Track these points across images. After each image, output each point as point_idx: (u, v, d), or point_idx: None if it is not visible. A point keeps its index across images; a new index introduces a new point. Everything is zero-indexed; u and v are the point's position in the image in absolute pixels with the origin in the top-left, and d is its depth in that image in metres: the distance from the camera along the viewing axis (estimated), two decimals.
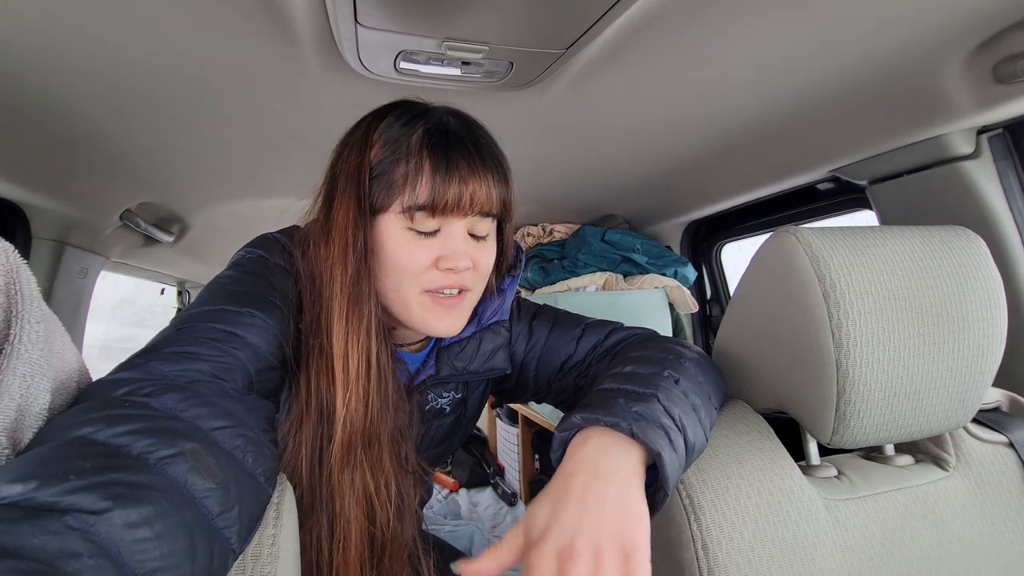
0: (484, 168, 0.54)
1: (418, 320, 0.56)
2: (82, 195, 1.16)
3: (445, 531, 1.77)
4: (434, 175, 0.52)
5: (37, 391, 0.32)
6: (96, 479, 0.30)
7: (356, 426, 0.52)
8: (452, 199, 0.52)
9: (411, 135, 0.54)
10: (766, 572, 0.49)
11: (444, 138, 0.54)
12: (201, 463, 0.36)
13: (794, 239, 0.54)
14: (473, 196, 0.53)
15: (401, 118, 0.56)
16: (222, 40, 0.68)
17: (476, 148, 0.55)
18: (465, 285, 0.56)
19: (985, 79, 0.67)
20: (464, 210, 0.54)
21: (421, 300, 0.56)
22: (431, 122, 0.55)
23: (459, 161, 0.53)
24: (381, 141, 0.55)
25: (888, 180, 0.90)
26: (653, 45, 0.68)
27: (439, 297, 0.56)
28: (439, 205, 0.52)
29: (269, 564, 0.36)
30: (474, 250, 0.56)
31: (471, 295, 0.58)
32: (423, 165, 0.53)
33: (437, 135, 0.54)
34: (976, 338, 0.54)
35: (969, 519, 0.58)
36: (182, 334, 0.47)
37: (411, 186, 0.53)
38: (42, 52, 0.68)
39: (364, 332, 0.53)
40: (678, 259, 1.58)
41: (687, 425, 0.48)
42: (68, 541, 0.27)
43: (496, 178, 0.55)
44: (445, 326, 0.57)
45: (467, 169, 0.53)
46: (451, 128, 0.55)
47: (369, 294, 0.54)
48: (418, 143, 0.53)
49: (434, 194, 0.52)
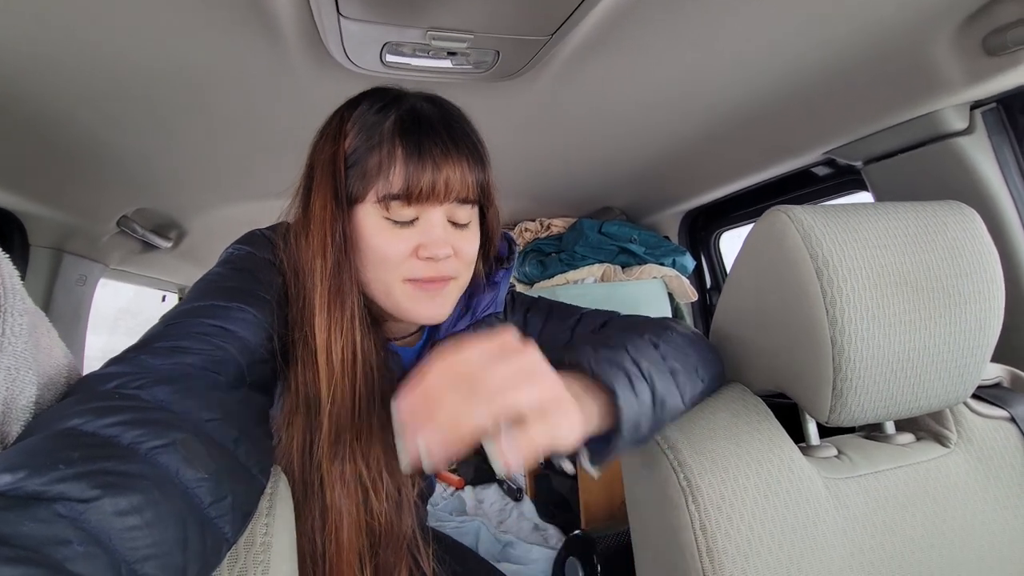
0: (458, 153, 0.53)
1: (402, 308, 0.56)
2: (78, 202, 1.16)
3: (450, 527, 1.78)
4: (407, 163, 0.51)
5: (23, 384, 0.32)
6: (85, 468, 0.30)
7: (343, 418, 0.52)
8: (426, 186, 0.51)
9: (383, 122, 0.53)
10: (766, 552, 0.49)
11: (416, 124, 0.53)
12: (192, 453, 0.36)
13: (786, 217, 0.53)
14: (448, 182, 0.52)
15: (374, 106, 0.55)
16: (209, 40, 0.68)
17: (450, 133, 0.53)
18: (448, 274, 0.55)
19: (975, 52, 0.67)
20: (440, 197, 0.52)
21: (404, 288, 0.55)
22: (403, 108, 0.54)
23: (432, 147, 0.52)
24: (355, 130, 0.54)
25: (883, 159, 0.89)
26: (640, 29, 0.67)
27: (421, 283, 0.55)
28: (413, 193, 0.51)
29: (262, 553, 0.36)
30: (455, 238, 0.55)
31: (456, 283, 0.57)
32: (396, 153, 0.52)
33: (409, 121, 0.53)
34: (973, 312, 0.54)
35: (971, 495, 0.58)
36: (172, 329, 0.47)
37: (385, 175, 0.52)
38: (32, 58, 0.68)
39: (347, 323, 0.53)
40: (676, 248, 1.58)
41: (657, 381, 0.49)
42: (57, 528, 0.27)
43: (472, 163, 0.54)
44: (429, 312, 0.56)
45: (440, 155, 0.52)
46: (424, 113, 0.54)
47: (351, 285, 0.54)
48: (390, 130, 0.52)
49: (408, 182, 0.51)
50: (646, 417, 0.48)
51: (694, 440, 0.54)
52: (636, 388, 0.47)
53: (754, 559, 0.48)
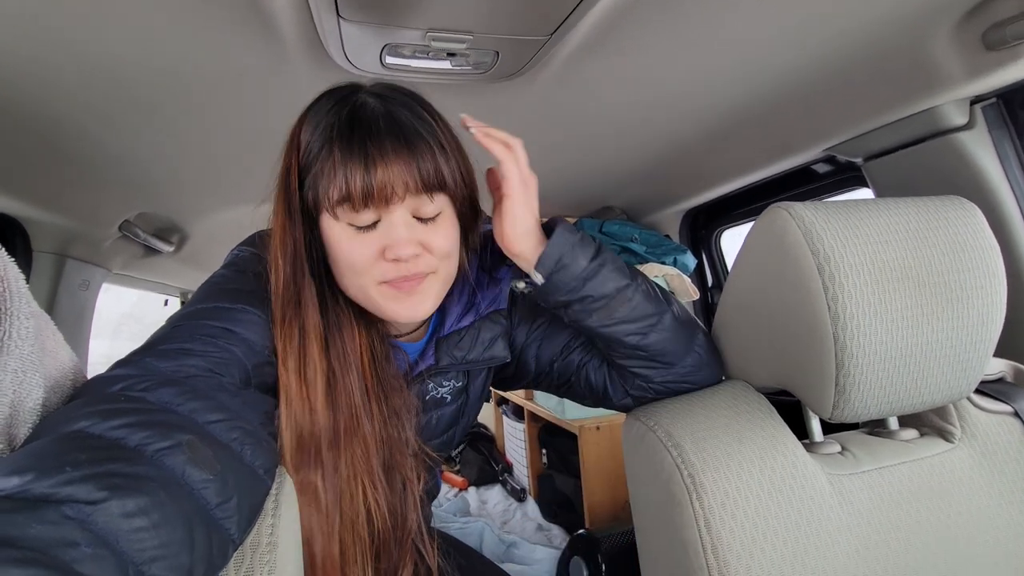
0: (401, 147, 0.49)
1: (381, 310, 0.55)
2: (80, 207, 1.17)
3: (454, 528, 1.78)
4: (345, 166, 0.49)
5: (30, 387, 0.32)
6: (92, 470, 0.30)
7: (303, 428, 0.51)
8: (365, 188, 0.49)
9: (325, 128, 0.51)
10: (770, 548, 0.49)
11: (354, 124, 0.50)
12: (198, 455, 0.36)
13: (786, 214, 0.53)
14: (391, 181, 0.49)
15: (321, 110, 0.53)
16: (208, 43, 0.68)
17: (392, 126, 0.50)
18: (420, 271, 0.54)
19: (975, 47, 0.67)
20: (386, 197, 0.50)
21: (379, 290, 0.54)
22: (345, 109, 0.51)
23: (369, 146, 0.49)
24: (306, 137, 0.53)
25: (883, 156, 0.89)
26: (639, 29, 0.67)
27: (397, 284, 0.54)
28: (355, 197, 0.49)
29: (268, 553, 0.36)
30: (422, 233, 0.53)
31: (434, 277, 0.56)
32: (333, 157, 0.49)
33: (347, 122, 0.50)
34: (976, 307, 0.54)
35: (976, 490, 0.57)
36: (177, 332, 0.47)
37: (328, 180, 0.50)
38: (31, 61, 0.69)
39: (301, 335, 0.52)
40: (677, 247, 1.58)
41: (603, 276, 0.58)
42: (65, 530, 0.28)
43: (423, 154, 0.50)
44: (407, 312, 0.55)
45: (378, 153, 0.49)
46: (365, 112, 0.51)
47: (307, 297, 0.53)
48: (328, 135, 0.50)
49: (348, 187, 0.49)
50: (573, 252, 0.57)
51: (698, 438, 0.54)
52: (581, 244, 0.58)
53: (759, 556, 0.48)
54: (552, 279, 0.58)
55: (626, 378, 0.65)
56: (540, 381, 0.73)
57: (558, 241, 0.57)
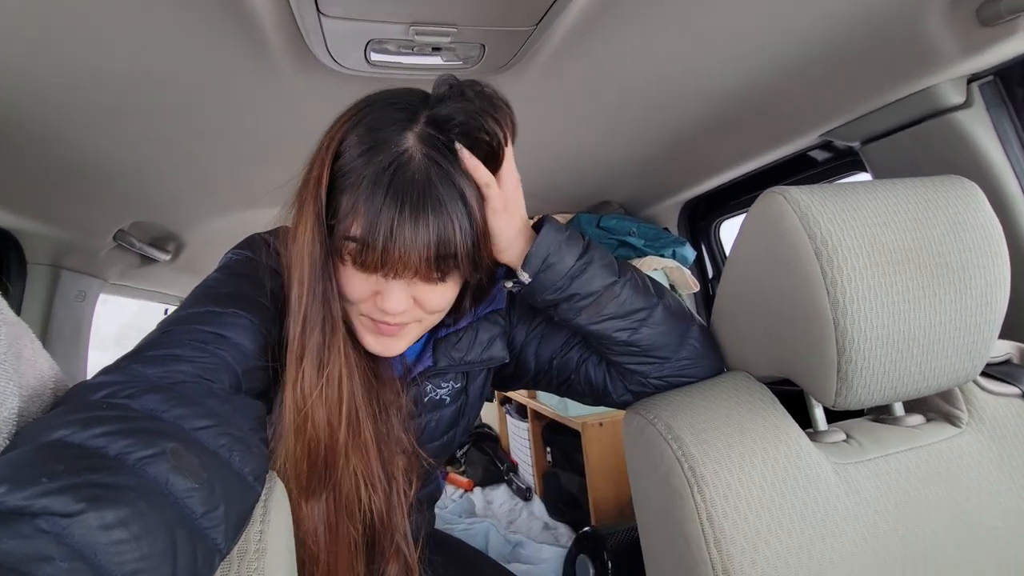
0: (425, 229, 0.47)
1: (360, 337, 0.55)
2: (73, 218, 1.16)
3: (459, 530, 1.77)
4: (367, 223, 0.47)
5: (3, 396, 0.31)
6: (69, 481, 0.29)
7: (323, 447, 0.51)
8: (380, 258, 0.47)
9: (367, 165, 0.48)
10: (775, 540, 0.47)
11: (392, 185, 0.47)
12: (183, 463, 0.35)
13: (782, 199, 0.52)
14: (407, 261, 0.47)
15: (368, 137, 0.49)
16: (192, 49, 0.67)
17: (424, 203, 0.47)
18: (404, 322, 0.53)
19: (970, 23, 0.65)
20: (396, 272, 0.48)
21: (361, 321, 0.54)
22: (391, 157, 0.47)
23: (394, 223, 0.46)
24: (346, 156, 0.50)
25: (880, 139, 0.88)
26: (627, 16, 0.66)
27: (377, 324, 0.53)
28: (368, 260, 0.48)
29: (256, 560, 0.35)
30: (422, 292, 0.52)
31: (417, 325, 0.55)
32: (360, 207, 0.47)
33: (387, 178, 0.47)
34: (979, 288, 0.53)
35: (985, 474, 0.56)
36: (166, 337, 0.46)
37: (349, 224, 0.48)
38: (16, 74, 0.68)
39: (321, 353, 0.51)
40: (676, 240, 1.57)
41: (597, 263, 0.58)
42: (39, 545, 0.27)
43: (444, 236, 0.48)
44: (380, 347, 0.55)
45: (400, 234, 0.46)
46: (409, 171, 0.47)
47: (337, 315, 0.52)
48: (368, 179, 0.47)
49: (364, 244, 0.47)
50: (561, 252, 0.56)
51: (698, 429, 0.53)
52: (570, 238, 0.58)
53: (763, 548, 0.47)
54: (539, 278, 0.57)
55: (624, 375, 0.64)
56: (540, 380, 0.72)
57: (544, 240, 0.56)
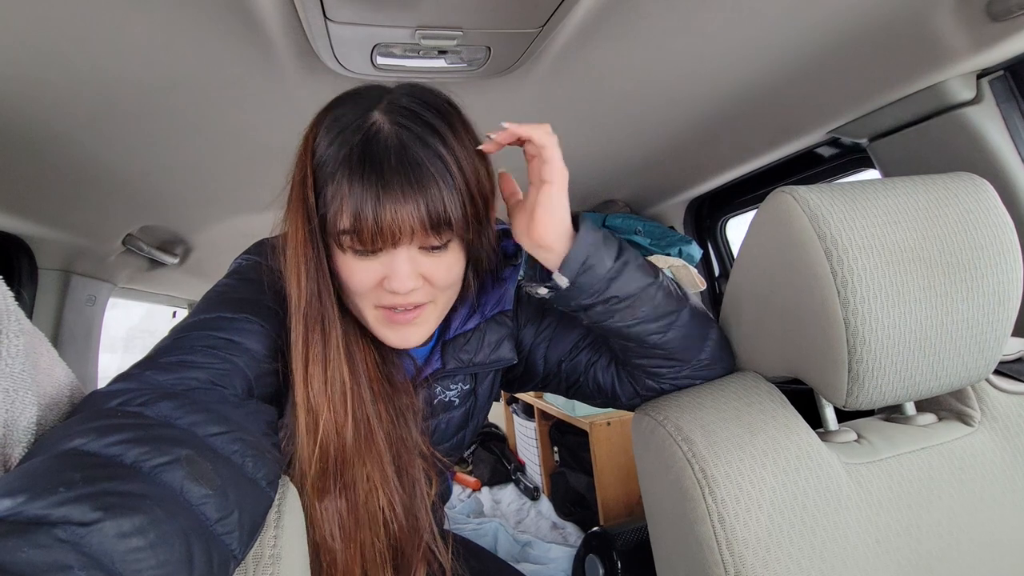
0: (411, 188, 0.47)
1: (377, 333, 0.55)
2: (82, 223, 1.17)
3: (468, 530, 1.77)
4: (355, 202, 0.47)
5: (23, 405, 0.31)
6: (86, 490, 0.30)
7: (333, 448, 0.51)
8: (373, 229, 0.47)
9: (340, 149, 0.48)
10: (787, 541, 0.47)
11: (365, 157, 0.47)
12: (197, 470, 0.36)
13: (791, 198, 0.52)
14: (399, 224, 0.47)
15: (336, 124, 0.50)
16: (199, 53, 0.67)
17: (403, 164, 0.47)
18: (418, 302, 0.53)
19: (979, 18, 0.64)
20: (393, 238, 0.48)
21: (375, 314, 0.54)
22: (359, 136, 0.48)
23: (379, 188, 0.46)
24: (320, 148, 0.50)
25: (889, 135, 0.87)
26: (632, 15, 0.66)
27: (392, 313, 0.53)
28: (363, 235, 0.48)
29: (271, 565, 0.35)
30: (427, 265, 0.51)
31: (432, 306, 0.55)
32: (343, 189, 0.47)
33: (360, 153, 0.47)
34: (991, 285, 0.52)
35: (998, 473, 0.56)
36: (179, 343, 0.47)
37: (336, 211, 0.48)
38: (24, 81, 0.69)
39: (324, 353, 0.51)
40: (682, 238, 1.56)
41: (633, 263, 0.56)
42: (57, 554, 0.27)
43: (432, 194, 0.48)
44: (400, 341, 0.55)
45: (387, 196, 0.46)
46: (379, 144, 0.47)
47: (332, 312, 0.52)
48: (343, 161, 0.48)
49: (357, 223, 0.47)
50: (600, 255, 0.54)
51: (708, 431, 0.53)
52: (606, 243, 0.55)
53: (775, 549, 0.47)
54: (577, 282, 0.54)
55: (637, 378, 0.64)
56: (548, 382, 0.72)
57: (584, 241, 0.53)
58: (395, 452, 0.56)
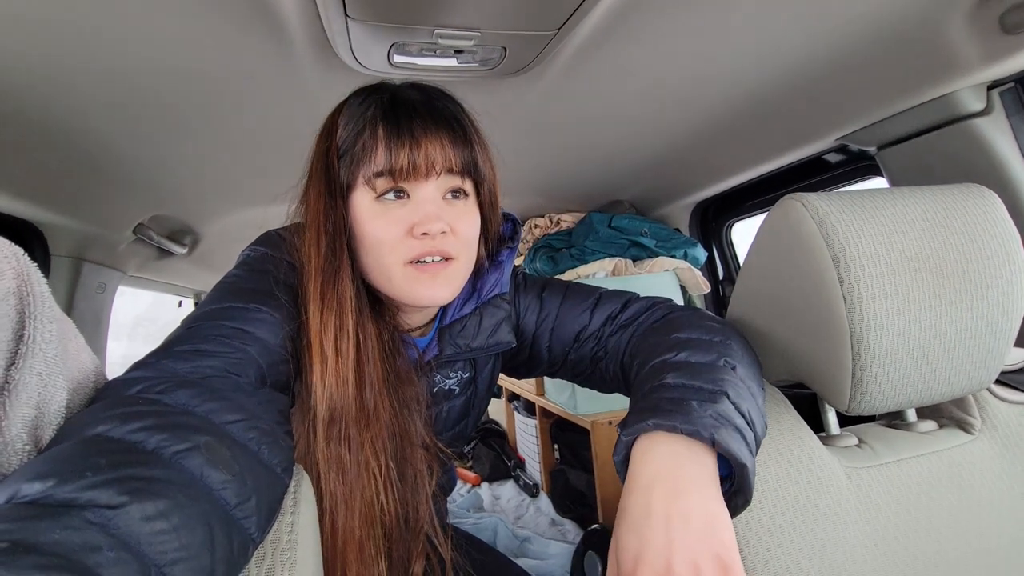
0: (438, 128, 0.54)
1: (403, 292, 0.56)
2: (95, 211, 1.18)
3: (468, 524, 1.79)
4: (388, 141, 0.53)
5: (54, 389, 0.32)
6: (112, 475, 0.31)
7: (336, 402, 0.52)
8: (407, 161, 0.53)
9: (367, 110, 0.55)
10: (788, 542, 0.48)
11: (396, 107, 0.55)
12: (216, 456, 0.37)
13: (800, 205, 0.53)
14: (429, 156, 0.53)
15: (359, 98, 0.57)
16: (218, 46, 0.68)
17: (430, 110, 0.55)
18: (447, 251, 0.55)
19: (992, 30, 0.65)
20: (423, 171, 0.54)
21: (404, 272, 0.55)
22: (386, 96, 0.56)
23: (411, 124, 0.54)
24: (343, 121, 0.57)
25: (898, 144, 0.88)
26: (646, 20, 0.67)
27: (422, 265, 0.55)
28: (396, 169, 0.53)
29: (289, 550, 0.37)
30: (450, 214, 0.56)
31: (457, 263, 0.57)
32: (377, 133, 0.54)
33: (390, 104, 0.55)
34: (995, 296, 0.53)
35: (997, 482, 0.57)
36: (192, 333, 0.48)
37: (369, 156, 0.54)
38: (43, 68, 0.70)
39: (339, 308, 0.54)
40: (687, 241, 1.57)
41: (755, 419, 0.47)
42: (88, 535, 0.28)
43: (454, 137, 0.55)
44: (431, 293, 0.56)
45: (420, 130, 0.53)
46: (404, 97, 0.56)
47: (344, 272, 0.55)
48: (372, 116, 0.55)
49: (390, 159, 0.53)
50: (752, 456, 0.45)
51: None
52: (750, 444, 0.45)
53: (776, 550, 0.48)
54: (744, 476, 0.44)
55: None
56: (556, 371, 0.73)
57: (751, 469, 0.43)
58: (398, 442, 0.56)
